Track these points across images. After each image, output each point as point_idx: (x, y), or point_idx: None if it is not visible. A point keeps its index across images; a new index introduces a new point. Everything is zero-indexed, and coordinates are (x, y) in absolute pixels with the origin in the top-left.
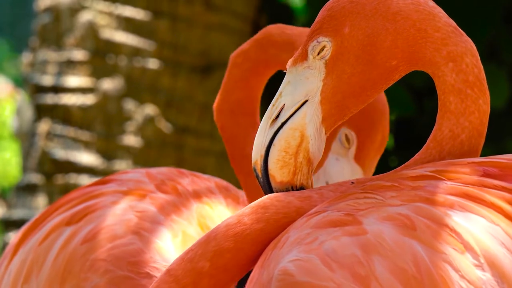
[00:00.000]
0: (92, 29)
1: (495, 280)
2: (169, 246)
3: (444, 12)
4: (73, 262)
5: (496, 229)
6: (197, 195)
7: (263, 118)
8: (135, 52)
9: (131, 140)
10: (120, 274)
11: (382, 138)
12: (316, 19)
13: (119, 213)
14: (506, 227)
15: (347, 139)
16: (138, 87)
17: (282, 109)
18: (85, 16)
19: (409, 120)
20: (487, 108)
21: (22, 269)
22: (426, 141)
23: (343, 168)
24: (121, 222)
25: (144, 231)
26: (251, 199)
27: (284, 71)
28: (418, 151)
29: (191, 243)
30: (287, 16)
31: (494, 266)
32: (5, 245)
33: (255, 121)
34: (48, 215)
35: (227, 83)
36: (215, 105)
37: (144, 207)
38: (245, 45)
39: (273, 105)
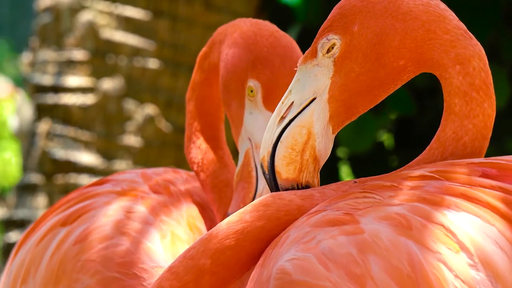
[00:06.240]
0: (92, 29)
1: (489, 280)
2: (157, 247)
3: (454, 15)
4: (66, 262)
5: (491, 229)
6: (189, 195)
7: (272, 116)
8: (135, 52)
9: (131, 140)
10: (109, 275)
11: (289, 77)
12: (328, 17)
13: (110, 214)
14: (501, 227)
15: (251, 90)
16: (138, 87)
17: (290, 106)
18: (85, 16)
19: (410, 119)
20: (492, 112)
21: (20, 269)
22: (426, 141)
23: (256, 120)
24: (111, 223)
25: (133, 231)
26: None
27: None
28: (418, 150)
29: (180, 244)
30: (287, 16)
31: (488, 266)
32: (5, 245)
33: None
34: (47, 215)
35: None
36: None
37: (134, 208)
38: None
39: (282, 102)
